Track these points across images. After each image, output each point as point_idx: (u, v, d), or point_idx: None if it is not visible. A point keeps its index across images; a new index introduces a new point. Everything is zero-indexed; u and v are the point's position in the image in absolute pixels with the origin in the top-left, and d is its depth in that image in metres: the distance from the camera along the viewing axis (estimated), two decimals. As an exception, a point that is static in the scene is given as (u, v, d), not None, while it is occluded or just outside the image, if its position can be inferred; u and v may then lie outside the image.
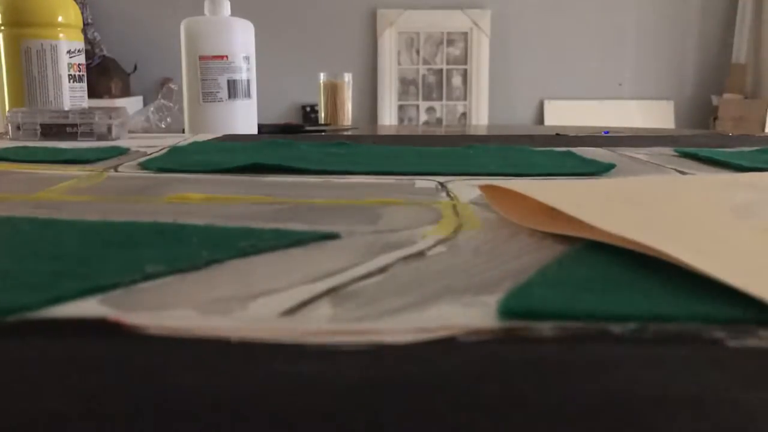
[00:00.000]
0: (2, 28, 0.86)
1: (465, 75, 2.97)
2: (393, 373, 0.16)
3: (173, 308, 0.20)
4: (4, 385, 0.16)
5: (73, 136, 0.72)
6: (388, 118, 2.97)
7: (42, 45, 0.85)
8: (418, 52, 2.97)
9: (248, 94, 0.92)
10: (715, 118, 2.90)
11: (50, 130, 0.72)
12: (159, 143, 0.68)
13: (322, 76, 1.31)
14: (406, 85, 3.00)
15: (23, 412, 0.14)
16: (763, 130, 2.57)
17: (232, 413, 0.14)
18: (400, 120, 3.00)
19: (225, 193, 0.40)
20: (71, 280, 0.22)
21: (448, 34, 2.96)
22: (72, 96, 0.87)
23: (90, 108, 0.82)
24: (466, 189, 0.42)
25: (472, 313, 0.20)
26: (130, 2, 3.00)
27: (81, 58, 0.89)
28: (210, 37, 0.90)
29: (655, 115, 2.98)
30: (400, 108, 3.00)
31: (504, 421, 0.14)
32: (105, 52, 2.83)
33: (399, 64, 2.98)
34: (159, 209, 0.36)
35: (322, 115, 1.30)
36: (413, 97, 3.00)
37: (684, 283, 0.22)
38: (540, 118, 3.01)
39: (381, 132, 1.51)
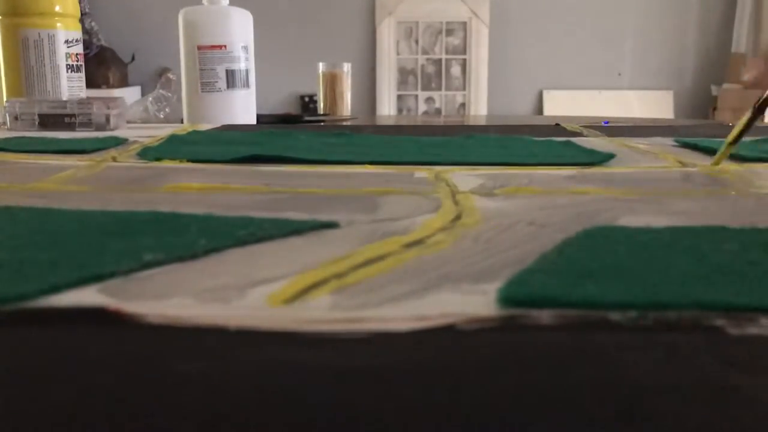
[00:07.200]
0: (0, 17, 0.86)
1: (464, 65, 2.96)
2: (392, 361, 0.16)
3: (172, 297, 0.20)
4: (2, 375, 0.16)
5: (71, 127, 0.72)
6: (386, 109, 2.96)
7: (39, 35, 0.85)
8: (416, 41, 2.96)
9: (247, 84, 0.91)
10: (715, 109, 2.90)
11: (48, 121, 0.72)
12: (157, 133, 0.68)
13: (320, 66, 1.30)
14: (404, 75, 2.99)
15: (22, 402, 0.14)
16: (762, 120, 2.56)
17: (231, 401, 0.14)
18: (399, 110, 2.99)
19: (223, 182, 0.40)
20: (70, 268, 0.22)
21: (447, 23, 2.94)
22: (70, 86, 0.87)
23: (88, 98, 0.82)
24: (466, 178, 0.42)
25: (472, 301, 0.20)
26: (127, -8, 2.98)
27: (79, 48, 0.89)
28: (208, 26, 0.89)
29: (655, 105, 2.97)
30: (399, 98, 2.99)
31: (504, 409, 0.14)
32: (103, 42, 2.82)
33: (398, 53, 2.97)
34: (157, 199, 0.36)
35: (321, 105, 1.30)
36: (412, 87, 2.99)
37: (684, 271, 0.22)
38: (539, 108, 3.00)
39: (380, 122, 1.51)
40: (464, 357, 0.17)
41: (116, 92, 2.58)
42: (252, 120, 0.94)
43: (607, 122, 0.95)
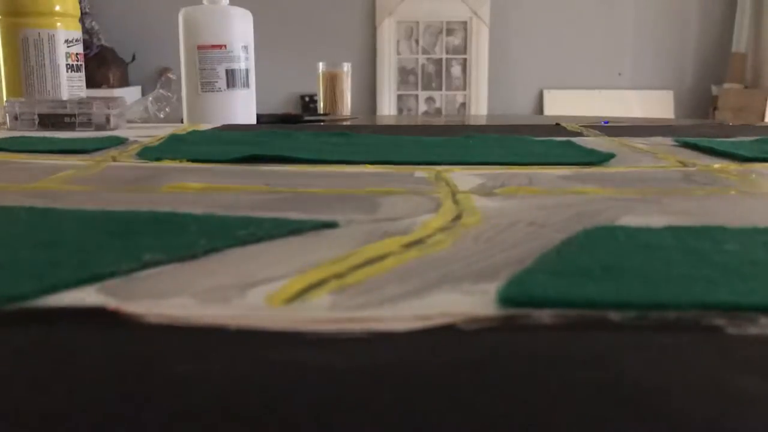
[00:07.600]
0: (0, 17, 0.86)
1: (464, 64, 2.96)
2: (393, 361, 0.16)
3: (171, 297, 0.20)
4: (2, 375, 0.16)
5: (71, 126, 0.72)
6: (387, 108, 2.96)
7: (40, 34, 0.85)
8: (417, 41, 2.96)
9: (247, 84, 0.91)
10: (715, 108, 2.90)
11: (48, 120, 0.72)
12: (157, 133, 0.68)
13: (321, 66, 1.30)
14: (405, 74, 2.99)
15: (22, 402, 0.14)
16: (763, 119, 2.56)
17: (231, 401, 0.14)
18: (399, 110, 2.99)
19: (223, 182, 0.40)
20: (69, 268, 0.22)
21: (448, 23, 2.94)
22: (70, 86, 0.87)
23: (88, 98, 0.82)
24: (466, 178, 0.42)
25: (472, 301, 0.20)
26: (127, -8, 2.98)
27: (79, 48, 0.89)
28: (208, 26, 0.89)
29: (655, 105, 2.97)
30: (399, 98, 2.99)
31: (503, 409, 0.14)
32: (103, 42, 2.82)
33: (398, 53, 2.97)
34: (157, 199, 0.36)
35: (321, 105, 1.30)
36: (412, 87, 2.99)
37: (684, 271, 0.22)
38: (539, 108, 3.00)
39: (380, 122, 1.51)
40: (464, 357, 0.17)
41: (116, 92, 2.58)
42: (252, 120, 0.94)
43: (607, 122, 0.95)
